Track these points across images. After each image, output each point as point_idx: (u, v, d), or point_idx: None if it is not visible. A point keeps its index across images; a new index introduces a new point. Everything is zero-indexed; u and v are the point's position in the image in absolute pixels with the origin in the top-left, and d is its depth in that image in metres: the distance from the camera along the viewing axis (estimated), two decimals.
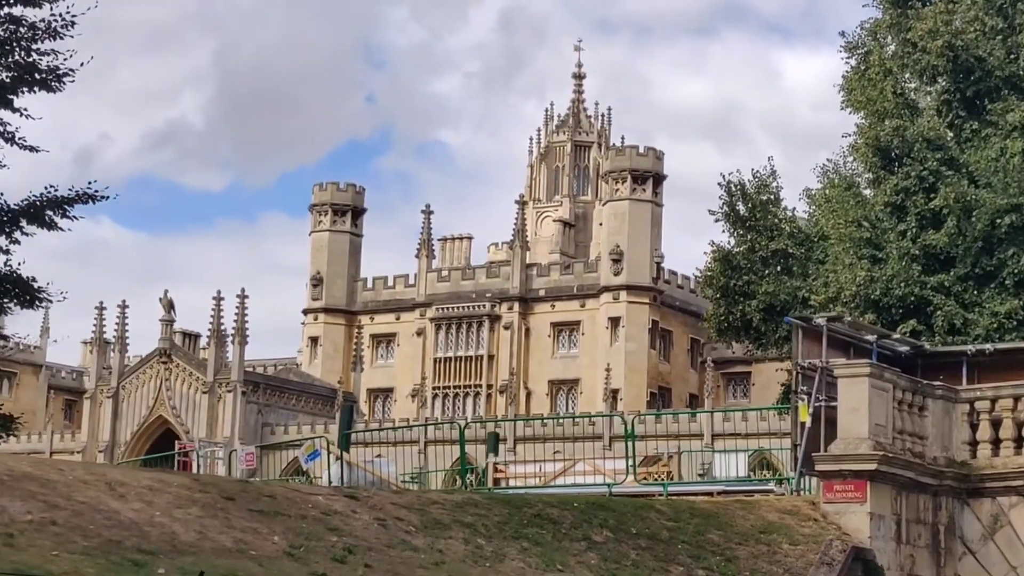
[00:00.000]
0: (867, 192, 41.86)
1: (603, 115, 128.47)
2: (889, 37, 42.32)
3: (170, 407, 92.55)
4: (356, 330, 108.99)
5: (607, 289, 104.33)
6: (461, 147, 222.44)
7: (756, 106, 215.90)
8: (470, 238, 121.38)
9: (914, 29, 40.09)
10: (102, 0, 31.07)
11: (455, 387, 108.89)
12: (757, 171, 43.99)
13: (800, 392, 26.27)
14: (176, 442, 56.14)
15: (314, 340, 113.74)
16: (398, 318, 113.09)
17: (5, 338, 37.20)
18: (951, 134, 40.30)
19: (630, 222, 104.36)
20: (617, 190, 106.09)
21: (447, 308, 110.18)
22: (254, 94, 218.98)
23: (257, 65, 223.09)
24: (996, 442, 26.95)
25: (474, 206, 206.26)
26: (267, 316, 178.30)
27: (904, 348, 29.18)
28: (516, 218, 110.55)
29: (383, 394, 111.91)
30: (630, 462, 29.09)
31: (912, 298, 38.03)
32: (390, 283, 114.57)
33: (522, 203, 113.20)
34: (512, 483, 34.27)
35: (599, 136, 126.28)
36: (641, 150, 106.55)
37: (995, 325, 36.85)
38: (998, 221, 37.61)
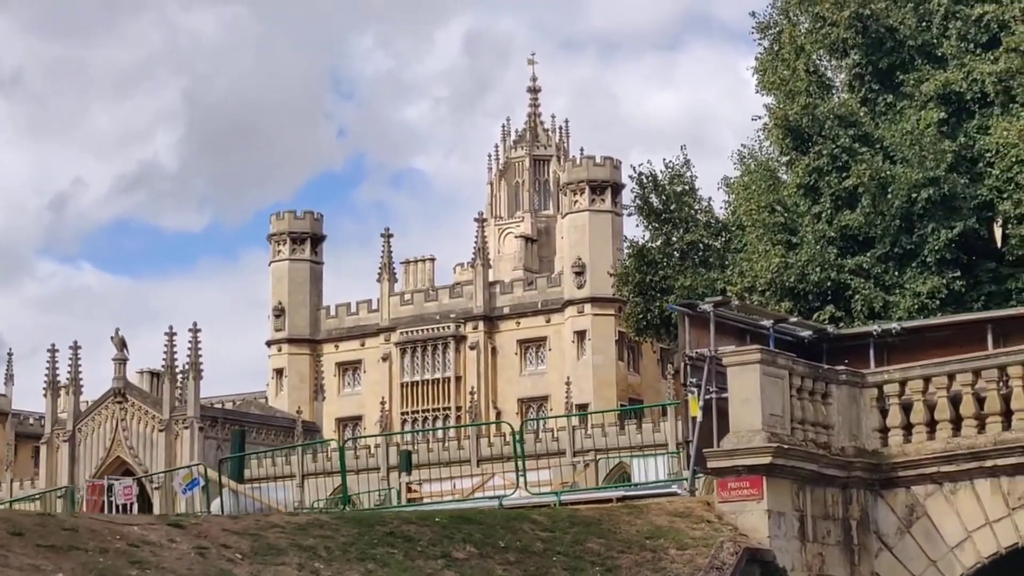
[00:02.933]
0: (785, 176, 40.03)
1: (560, 127, 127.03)
2: (800, 14, 40.59)
3: (127, 447, 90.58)
4: (316, 358, 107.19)
5: (571, 303, 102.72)
6: (435, 172, 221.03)
7: (728, 116, 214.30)
8: (432, 260, 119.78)
9: (822, 2, 38.37)
10: (72, 46, 28.79)
11: (423, 411, 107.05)
12: (670, 161, 42.19)
13: (690, 385, 24.41)
14: (84, 481, 54.09)
15: (279, 372, 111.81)
16: (363, 344, 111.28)
17: None
18: (865, 109, 38.47)
19: (591, 234, 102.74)
20: (576, 202, 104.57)
21: (411, 331, 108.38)
22: (225, 131, 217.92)
23: (227, 102, 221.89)
24: (908, 428, 25.04)
25: (450, 230, 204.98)
26: (250, 352, 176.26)
27: (806, 332, 27.27)
28: (476, 236, 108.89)
29: (352, 423, 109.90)
30: (519, 472, 27.19)
31: (829, 283, 36.14)
32: (353, 309, 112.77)
33: (481, 221, 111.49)
34: (426, 502, 32.58)
35: (558, 149, 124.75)
36: (598, 160, 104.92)
37: (917, 306, 34.96)
38: (915, 196, 35.77)
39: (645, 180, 41.83)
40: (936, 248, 35.79)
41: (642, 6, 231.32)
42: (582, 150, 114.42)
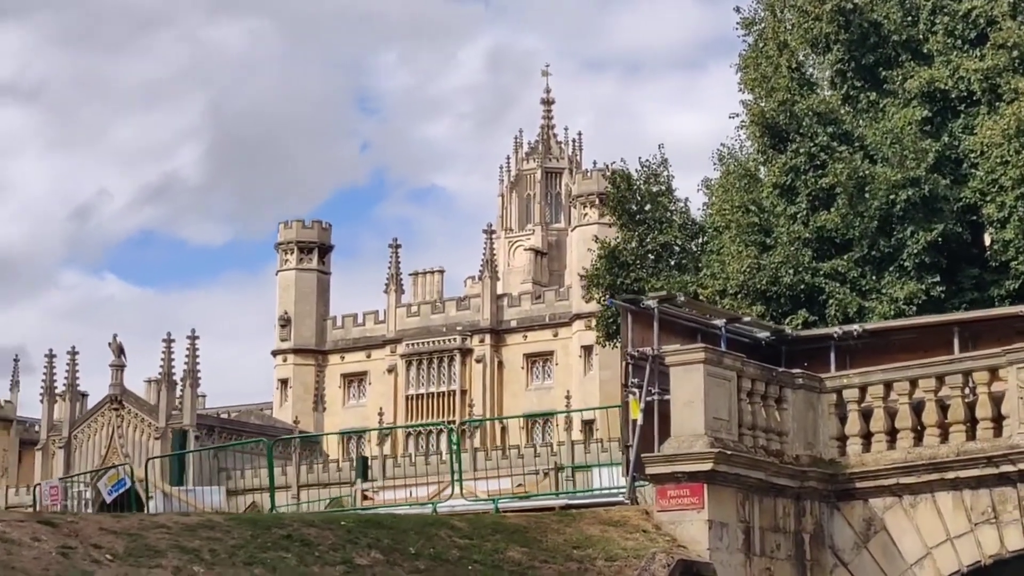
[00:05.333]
0: (763, 176, 38.32)
1: (574, 140, 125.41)
2: (786, 9, 38.97)
3: (123, 455, 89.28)
4: (321, 369, 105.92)
5: (579, 317, 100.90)
6: (457, 189, 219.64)
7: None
8: (442, 272, 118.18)
9: None
10: (97, 59, 27.44)
11: (428, 424, 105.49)
12: (646, 160, 40.59)
13: (631, 385, 22.88)
14: (37, 483, 52.90)
15: (284, 382, 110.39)
16: (369, 356, 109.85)
17: None
18: (847, 107, 36.82)
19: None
20: (585, 215, 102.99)
21: (417, 344, 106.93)
22: (249, 145, 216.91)
23: (250, 116, 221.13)
24: (867, 436, 23.44)
25: (466, 244, 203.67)
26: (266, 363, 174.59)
27: (764, 334, 25.63)
28: (484, 248, 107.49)
29: (356, 435, 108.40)
30: (455, 476, 25.70)
31: (803, 286, 34.44)
32: (360, 320, 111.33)
33: (490, 233, 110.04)
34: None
35: (570, 162, 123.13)
36: (608, 173, 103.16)
37: (893, 312, 33.19)
38: (894, 197, 34.05)
39: (619, 179, 40.33)
40: (915, 252, 34.02)
41: (666, 26, 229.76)
42: (594, 163, 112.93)
